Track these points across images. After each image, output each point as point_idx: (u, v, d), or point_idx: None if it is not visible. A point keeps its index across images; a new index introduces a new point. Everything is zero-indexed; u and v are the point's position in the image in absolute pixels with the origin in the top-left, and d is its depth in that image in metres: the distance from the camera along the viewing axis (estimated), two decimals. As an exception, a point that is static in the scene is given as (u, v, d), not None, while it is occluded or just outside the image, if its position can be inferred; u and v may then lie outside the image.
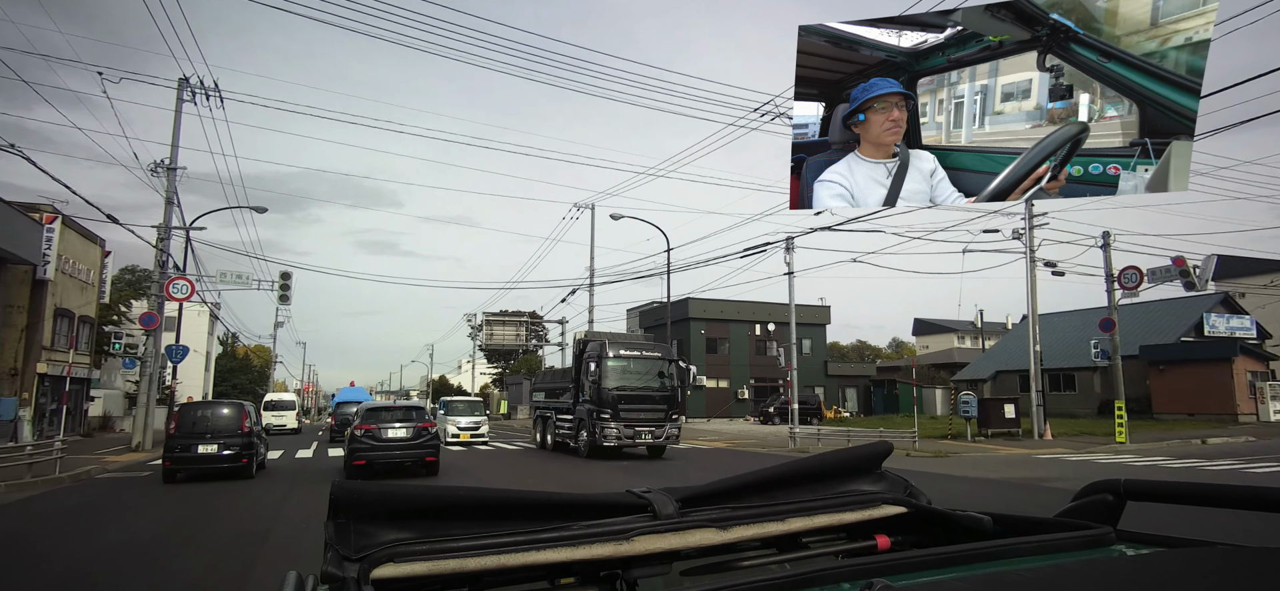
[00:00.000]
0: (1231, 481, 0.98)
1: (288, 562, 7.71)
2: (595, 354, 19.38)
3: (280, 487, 13.43)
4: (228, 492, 12.60)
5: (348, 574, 0.99)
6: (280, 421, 34.86)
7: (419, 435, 15.04)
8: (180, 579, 6.70)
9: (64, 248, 26.58)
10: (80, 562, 7.23)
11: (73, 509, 10.90)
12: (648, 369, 19.71)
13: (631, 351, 19.94)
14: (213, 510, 10.75)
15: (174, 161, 23.05)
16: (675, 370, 20.25)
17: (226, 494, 12.43)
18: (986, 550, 1.13)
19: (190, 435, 14.15)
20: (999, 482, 13.31)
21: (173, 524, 9.59)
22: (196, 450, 13.98)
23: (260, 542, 8.14)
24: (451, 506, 1.15)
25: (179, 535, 8.72)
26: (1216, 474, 14.24)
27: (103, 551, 7.73)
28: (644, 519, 1.21)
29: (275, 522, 9.50)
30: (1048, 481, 13.07)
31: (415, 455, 14.91)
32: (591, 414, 18.93)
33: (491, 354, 78.04)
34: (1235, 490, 1.17)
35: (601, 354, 19.13)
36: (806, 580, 0.96)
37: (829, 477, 1.46)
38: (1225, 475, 14.10)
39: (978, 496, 11.22)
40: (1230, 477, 13.56)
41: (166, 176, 22.94)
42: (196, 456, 13.99)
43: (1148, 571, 0.97)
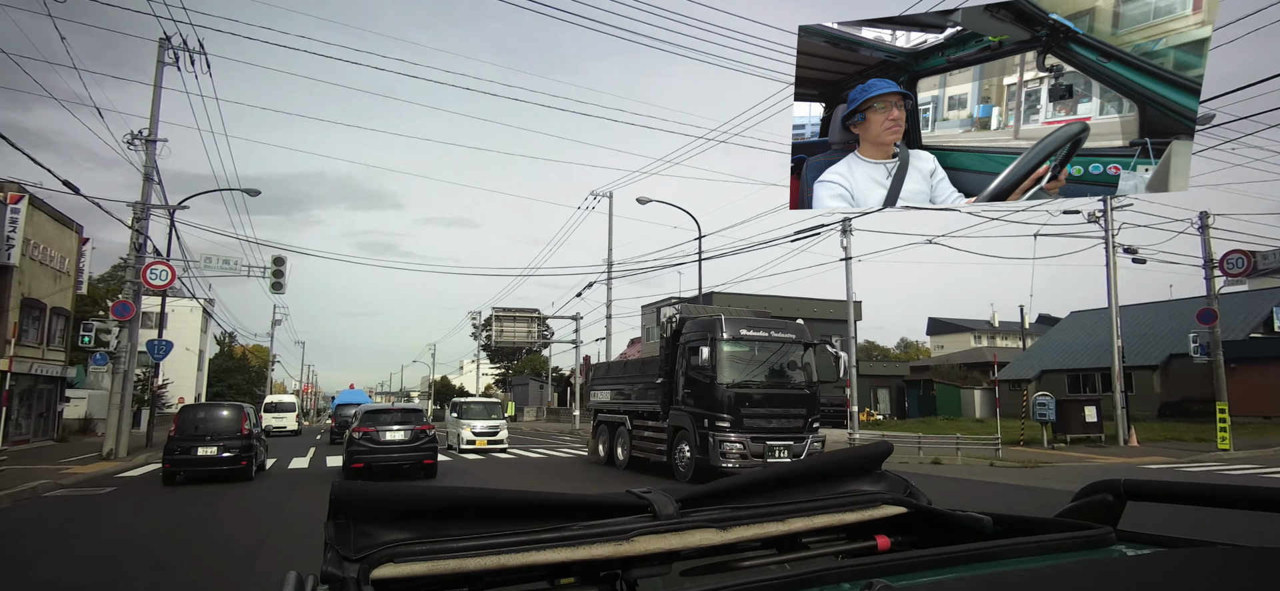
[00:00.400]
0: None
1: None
2: (702, 336, 13.98)
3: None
4: (226, 495, 12.48)
5: (348, 574, 0.99)
6: (280, 423, 35.50)
7: (417, 438, 15.01)
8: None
9: (33, 231, 23.84)
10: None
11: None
12: (778, 357, 14.33)
13: (756, 332, 14.35)
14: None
15: (154, 132, 19.91)
16: (813, 358, 14.73)
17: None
18: (986, 550, 1.13)
19: (190, 437, 14.24)
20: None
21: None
22: (196, 452, 14.09)
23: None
24: (451, 507, 1.15)
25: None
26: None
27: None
28: (644, 519, 1.21)
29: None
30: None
31: (413, 458, 14.88)
32: (698, 421, 13.74)
33: (495, 354, 76.19)
34: (1235, 490, 1.17)
35: (713, 335, 13.73)
36: (806, 580, 0.96)
37: (829, 478, 1.46)
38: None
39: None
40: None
41: (145, 150, 19.87)
42: (196, 458, 14.09)
43: (1148, 571, 0.97)
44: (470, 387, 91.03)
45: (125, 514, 10.62)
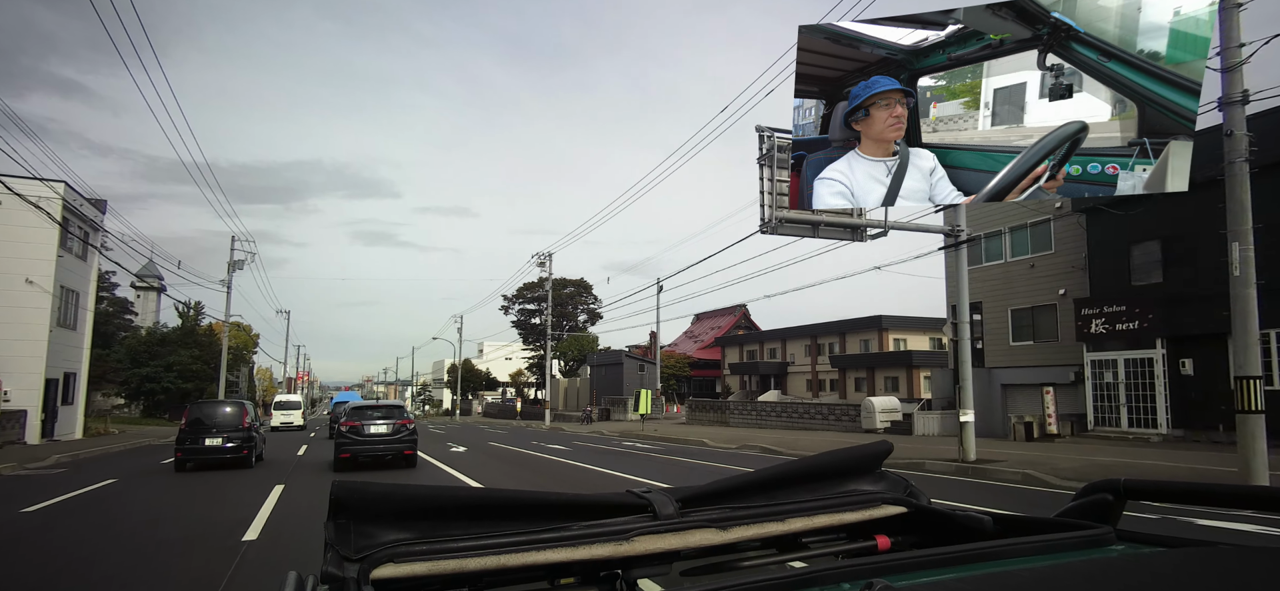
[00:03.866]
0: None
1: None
2: None
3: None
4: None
5: (347, 574, 0.98)
6: (288, 419, 40.08)
7: (398, 431, 16.38)
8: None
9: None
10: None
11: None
12: None
13: None
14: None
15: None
16: None
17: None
18: (986, 550, 1.13)
19: (198, 430, 16.14)
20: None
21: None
22: (204, 443, 16.03)
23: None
24: (452, 507, 1.15)
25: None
26: None
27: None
28: (644, 519, 1.20)
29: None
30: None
31: (395, 448, 16.22)
32: None
33: (527, 333, 67.40)
34: (1235, 490, 1.18)
35: None
36: (806, 580, 0.96)
37: (829, 477, 1.46)
38: None
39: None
40: None
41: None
42: (204, 448, 15.99)
43: (1147, 571, 0.98)
44: (498, 374, 79.17)
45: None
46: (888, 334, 48.52)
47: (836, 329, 51.02)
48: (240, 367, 60.52)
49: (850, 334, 50.43)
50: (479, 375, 79.39)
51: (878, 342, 48.33)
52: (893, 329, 48.72)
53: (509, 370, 76.59)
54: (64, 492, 12.13)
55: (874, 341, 48.77)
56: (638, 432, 31.55)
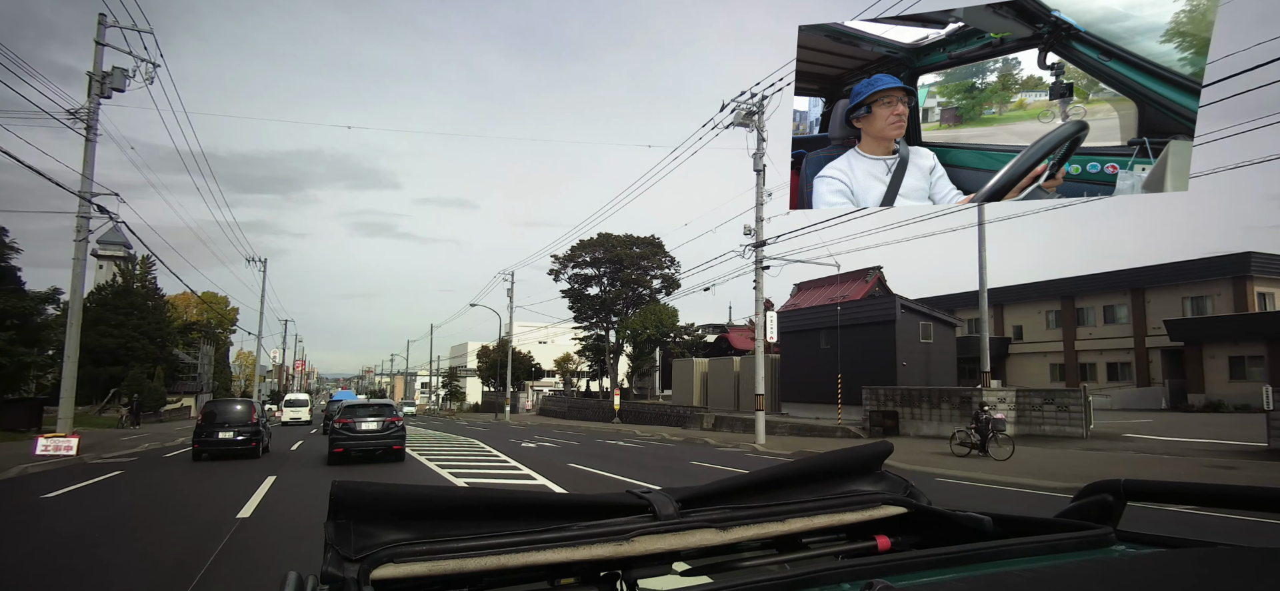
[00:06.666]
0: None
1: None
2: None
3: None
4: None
5: (348, 574, 0.98)
6: (297, 416, 43.02)
7: (387, 427, 17.30)
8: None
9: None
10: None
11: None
12: None
13: None
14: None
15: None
16: None
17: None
18: (986, 550, 1.13)
19: (213, 425, 18.59)
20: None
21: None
22: (218, 436, 18.45)
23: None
24: (452, 507, 1.15)
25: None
26: None
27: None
28: (644, 519, 1.20)
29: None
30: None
31: (384, 444, 17.13)
32: None
33: (583, 306, 48.79)
34: (1235, 490, 1.18)
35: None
36: (806, 580, 0.96)
37: (829, 478, 1.46)
38: None
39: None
40: None
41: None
42: (218, 441, 18.38)
43: (1147, 571, 0.98)
44: (544, 363, 60.75)
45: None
46: (1252, 283, 31.71)
47: (1117, 282, 33.81)
48: (201, 345, 50.36)
49: (1156, 288, 33.16)
50: (520, 359, 59.63)
51: (1233, 300, 31.92)
52: (1266, 273, 31.75)
53: (551, 355, 61.64)
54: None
55: (1222, 299, 32.22)
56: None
